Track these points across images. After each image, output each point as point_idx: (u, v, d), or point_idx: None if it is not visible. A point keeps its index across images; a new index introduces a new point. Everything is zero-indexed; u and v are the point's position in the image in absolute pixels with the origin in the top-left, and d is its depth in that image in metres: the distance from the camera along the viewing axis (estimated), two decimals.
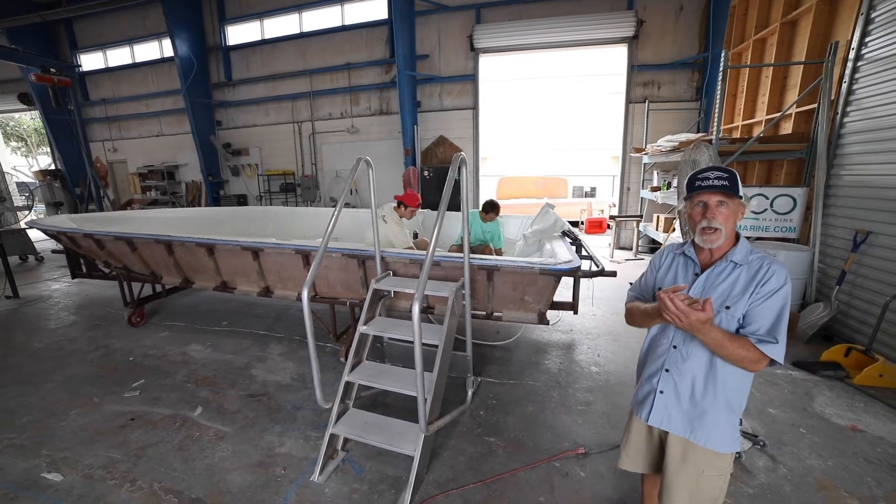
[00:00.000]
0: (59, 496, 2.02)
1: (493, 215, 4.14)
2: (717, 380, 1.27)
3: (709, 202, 1.23)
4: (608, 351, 3.56)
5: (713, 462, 1.31)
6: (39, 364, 3.42)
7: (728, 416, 1.29)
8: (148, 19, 10.24)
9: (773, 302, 1.18)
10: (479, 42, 7.77)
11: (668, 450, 1.38)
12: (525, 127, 15.13)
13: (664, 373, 1.36)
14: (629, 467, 1.55)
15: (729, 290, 1.24)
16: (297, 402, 2.83)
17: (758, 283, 1.20)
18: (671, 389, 1.35)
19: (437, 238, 1.92)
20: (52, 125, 10.57)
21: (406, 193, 3.80)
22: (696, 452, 1.32)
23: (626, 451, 1.54)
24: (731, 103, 6.11)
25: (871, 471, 2.14)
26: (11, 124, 20.46)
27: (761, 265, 1.22)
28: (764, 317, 1.18)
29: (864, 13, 3.60)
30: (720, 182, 1.21)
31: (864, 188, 3.57)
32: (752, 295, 1.20)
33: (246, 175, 10.41)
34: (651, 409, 1.39)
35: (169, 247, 3.57)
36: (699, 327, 1.15)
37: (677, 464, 1.36)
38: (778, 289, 1.18)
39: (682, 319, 1.14)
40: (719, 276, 1.26)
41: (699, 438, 1.30)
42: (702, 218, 1.25)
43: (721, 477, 1.33)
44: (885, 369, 2.90)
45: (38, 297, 5.26)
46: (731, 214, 1.23)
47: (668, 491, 1.38)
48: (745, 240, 1.29)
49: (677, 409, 1.34)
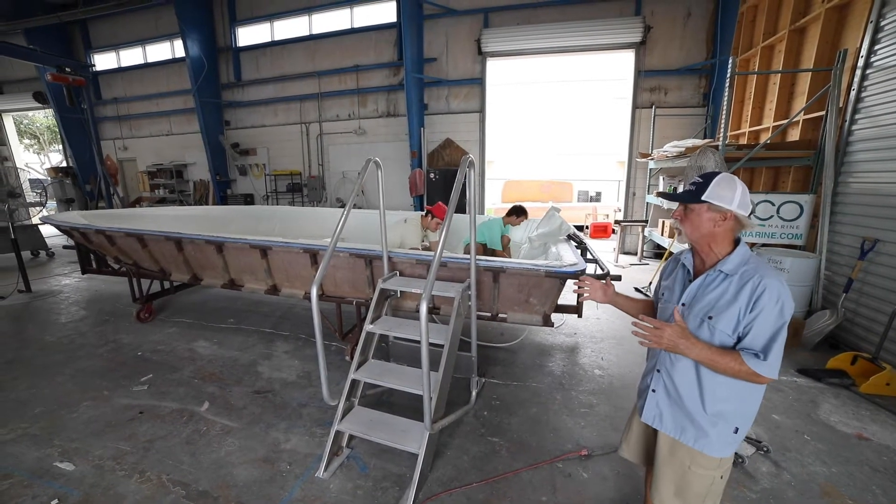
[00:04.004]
0: (70, 485, 2.07)
1: (522, 218, 4.22)
2: (705, 388, 1.26)
3: (679, 206, 1.31)
4: (612, 354, 3.57)
5: (699, 460, 1.32)
6: (51, 357, 3.48)
7: (719, 425, 1.27)
8: (160, 20, 10.40)
9: (766, 317, 1.14)
10: (486, 46, 7.82)
11: (658, 443, 1.42)
12: (531, 131, 15.17)
13: (656, 372, 1.40)
14: (627, 455, 1.62)
15: (715, 300, 1.22)
16: (302, 399, 2.86)
17: (751, 298, 1.16)
18: (662, 389, 1.38)
19: (445, 239, 1.95)
20: (66, 123, 10.74)
21: (437, 205, 3.84)
22: (683, 449, 1.34)
23: (627, 440, 1.61)
24: (739, 110, 6.10)
25: (876, 479, 2.13)
26: (25, 122, 20.82)
27: (752, 277, 1.17)
28: (758, 333, 1.15)
29: (874, 21, 3.59)
30: (688, 188, 1.27)
31: (871, 196, 3.55)
32: (745, 309, 1.17)
33: (253, 175, 10.51)
34: (644, 406, 1.44)
35: (178, 244, 3.63)
36: (676, 345, 1.20)
37: (665, 457, 1.39)
38: (770, 304, 1.14)
39: (653, 339, 1.22)
40: (709, 286, 1.25)
41: (688, 440, 1.32)
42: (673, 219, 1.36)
43: (708, 474, 1.32)
44: (892, 378, 2.88)
45: (49, 292, 5.35)
46: (696, 219, 1.25)
47: (656, 483, 1.42)
48: (745, 249, 1.25)
49: (668, 409, 1.37)
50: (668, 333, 1.20)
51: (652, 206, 7.33)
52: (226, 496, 2.00)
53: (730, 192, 1.20)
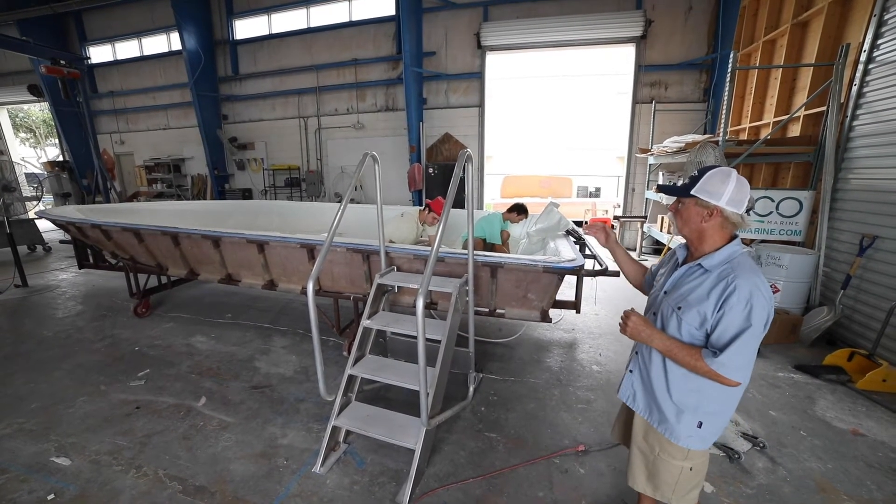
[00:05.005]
0: (67, 479, 2.07)
1: (523, 217, 4.23)
2: (669, 376, 1.30)
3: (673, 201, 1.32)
4: (610, 350, 3.57)
5: (666, 448, 1.34)
6: (48, 352, 3.47)
7: (684, 415, 1.28)
8: (156, 12, 10.28)
9: (731, 318, 1.13)
10: (486, 40, 7.74)
11: (633, 426, 1.46)
12: (530, 126, 15.10)
13: (635, 354, 1.45)
14: (614, 438, 1.70)
15: (688, 293, 1.23)
16: (299, 394, 2.86)
17: (720, 297, 1.15)
18: (637, 371, 1.43)
19: (442, 234, 1.93)
20: (61, 117, 10.65)
21: (436, 200, 3.82)
22: (653, 434, 1.37)
23: (616, 423, 1.69)
24: (739, 105, 6.06)
25: (871, 474, 2.13)
26: (21, 115, 20.65)
27: (727, 277, 1.15)
28: (721, 332, 1.15)
29: (877, 15, 3.56)
30: (682, 182, 1.29)
31: (872, 192, 3.54)
32: (713, 308, 1.16)
33: (251, 169, 10.45)
34: (622, 384, 1.49)
35: (175, 238, 3.61)
36: (639, 333, 1.25)
37: (639, 441, 1.43)
38: (738, 306, 1.12)
39: (621, 326, 1.31)
40: (688, 278, 1.26)
41: (654, 422, 1.36)
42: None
43: (676, 464, 1.33)
44: (889, 374, 2.88)
45: (46, 287, 5.33)
46: (686, 214, 1.25)
47: (630, 465, 1.48)
48: (734, 248, 1.20)
49: (640, 390, 1.41)
50: (632, 321, 1.27)
51: (651, 202, 7.32)
52: (223, 491, 2.00)
53: (721, 187, 1.16)
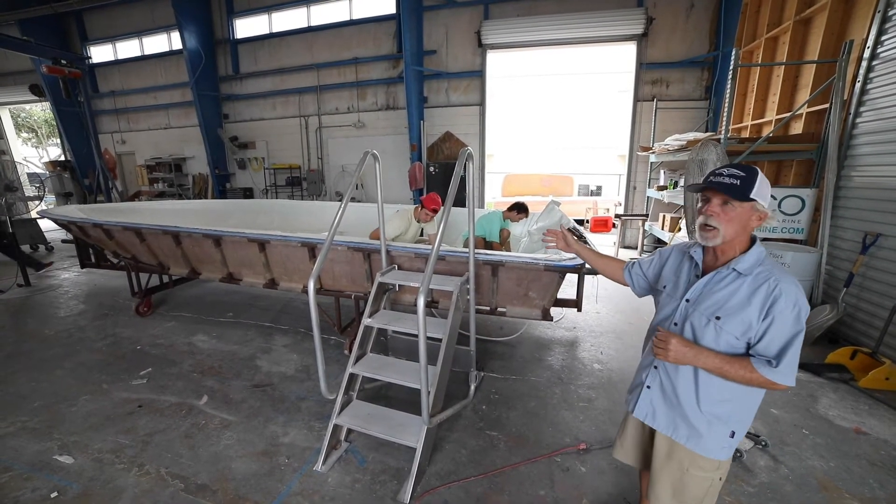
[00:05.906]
0: (70, 478, 2.08)
1: (523, 216, 4.21)
2: (700, 388, 1.23)
3: (712, 199, 1.17)
4: (611, 349, 3.56)
5: (697, 462, 1.28)
6: (50, 350, 3.48)
7: (714, 426, 1.23)
8: (157, 12, 10.28)
9: (781, 324, 1.09)
10: (487, 38, 7.72)
11: (655, 444, 1.39)
12: (531, 124, 15.06)
13: (653, 369, 1.36)
14: (621, 457, 1.57)
15: (725, 300, 1.16)
16: (301, 392, 2.86)
17: (765, 303, 1.10)
18: (657, 386, 1.34)
19: (443, 233, 1.93)
20: (63, 116, 10.67)
21: (428, 195, 3.80)
22: (681, 451, 1.30)
23: (621, 441, 1.57)
24: (741, 102, 6.03)
25: (873, 473, 2.13)
26: (23, 115, 20.70)
27: (768, 280, 1.11)
28: (772, 339, 1.10)
29: (881, 11, 3.53)
30: (730, 181, 1.13)
31: (875, 190, 3.52)
32: (758, 315, 1.11)
33: (252, 168, 10.46)
34: (637, 401, 1.40)
35: (176, 237, 3.62)
36: (684, 355, 1.17)
37: (662, 460, 1.36)
38: (787, 311, 1.08)
39: (660, 353, 1.20)
40: (719, 283, 1.19)
41: (681, 438, 1.29)
42: (700, 214, 1.19)
43: (707, 477, 1.29)
44: (892, 373, 2.87)
45: (48, 286, 5.34)
46: (737, 217, 1.14)
47: (653, 485, 1.39)
48: (761, 248, 1.17)
49: (662, 406, 1.33)
50: (673, 346, 1.17)
51: (652, 200, 7.29)
52: (224, 489, 2.01)
53: (767, 189, 1.14)
